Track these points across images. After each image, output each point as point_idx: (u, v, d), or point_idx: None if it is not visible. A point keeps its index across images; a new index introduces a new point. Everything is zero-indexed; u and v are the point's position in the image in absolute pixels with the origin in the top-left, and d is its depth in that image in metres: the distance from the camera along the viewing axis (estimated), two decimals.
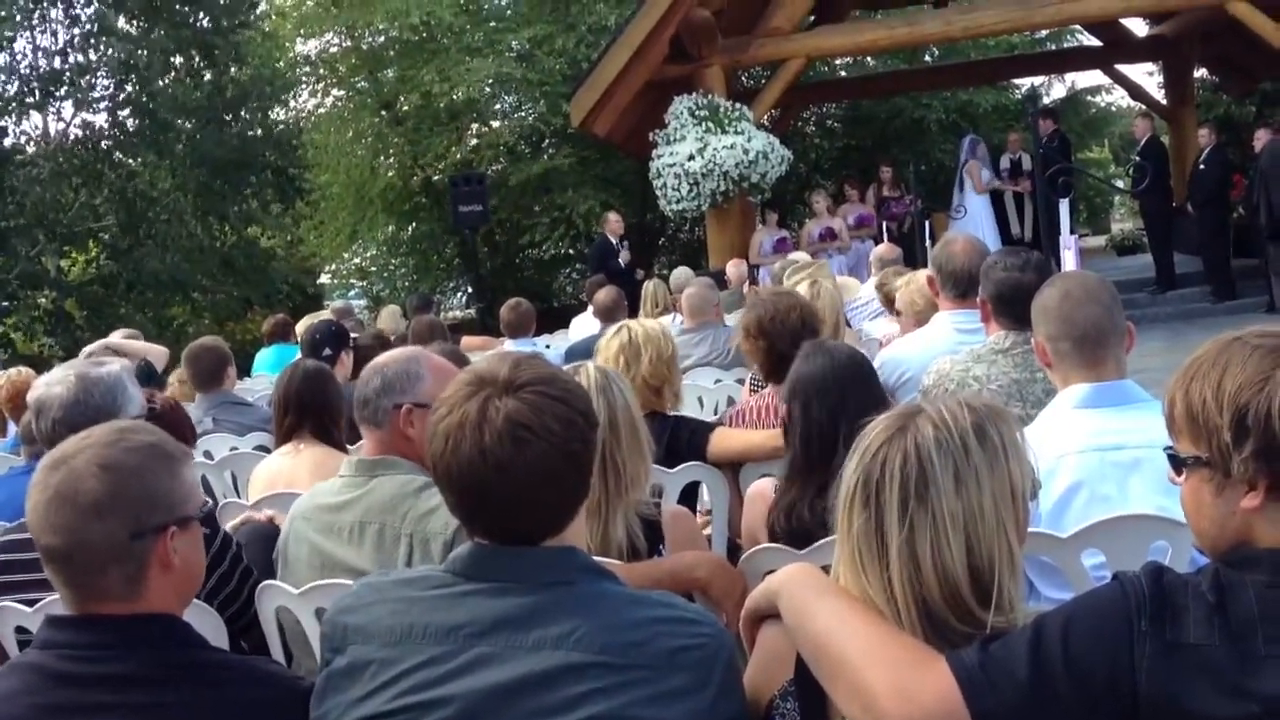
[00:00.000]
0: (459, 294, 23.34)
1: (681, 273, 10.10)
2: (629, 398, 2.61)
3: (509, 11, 19.29)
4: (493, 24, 18.58)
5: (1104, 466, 2.48)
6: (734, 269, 10.90)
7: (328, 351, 5.33)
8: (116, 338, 6.67)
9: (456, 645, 1.61)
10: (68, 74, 18.78)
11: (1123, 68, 17.90)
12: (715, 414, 4.93)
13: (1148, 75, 19.71)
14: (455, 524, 2.40)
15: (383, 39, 19.10)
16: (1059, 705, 1.45)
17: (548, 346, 8.21)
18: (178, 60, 19.92)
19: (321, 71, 20.42)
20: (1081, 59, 19.48)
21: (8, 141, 18.40)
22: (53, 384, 3.02)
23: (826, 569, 1.76)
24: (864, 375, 2.78)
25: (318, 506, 2.70)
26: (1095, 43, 18.29)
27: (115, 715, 1.66)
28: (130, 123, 19.66)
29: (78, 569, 1.72)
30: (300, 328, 8.07)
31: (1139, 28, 17.68)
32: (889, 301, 5.97)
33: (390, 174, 19.53)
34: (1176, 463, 1.61)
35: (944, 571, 1.57)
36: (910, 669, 1.52)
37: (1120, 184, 22.44)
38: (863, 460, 1.65)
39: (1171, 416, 1.61)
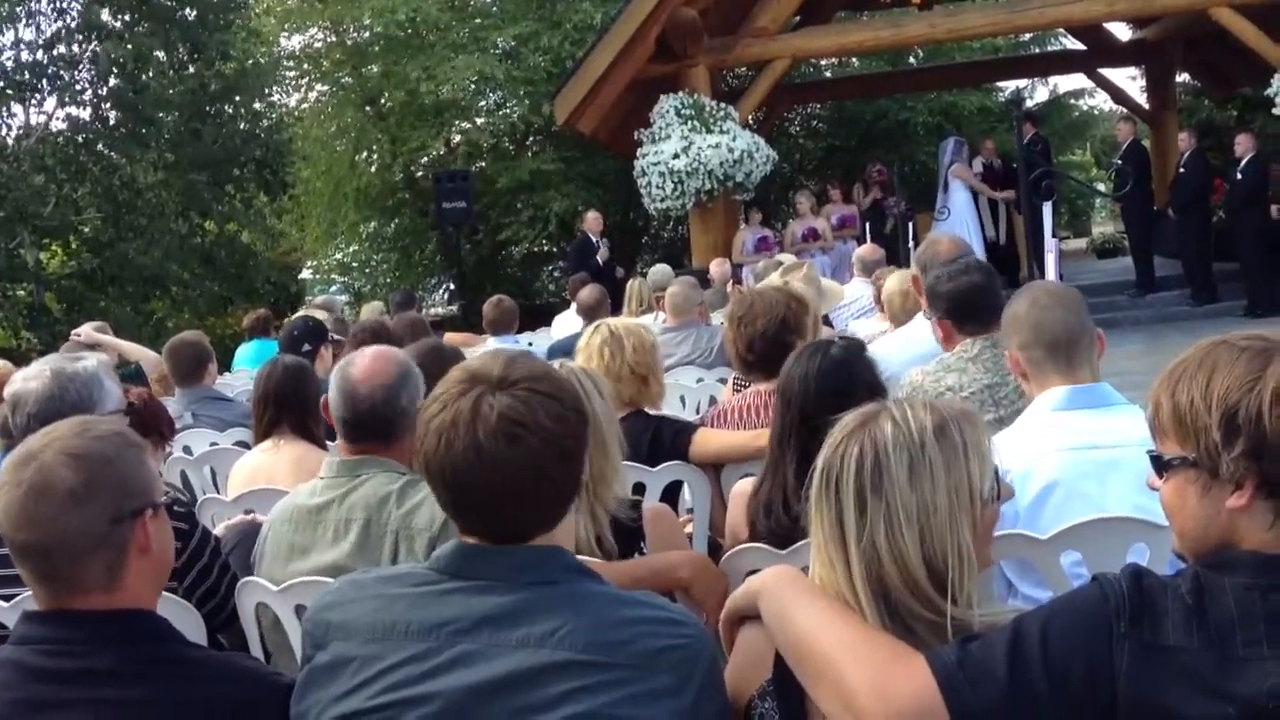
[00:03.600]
0: (441, 290, 23.28)
1: (660, 271, 10.09)
2: (605, 393, 2.62)
3: (494, 9, 19.23)
4: (478, 21, 18.54)
5: (1081, 465, 2.50)
6: (717, 268, 10.90)
7: (307, 347, 5.31)
8: (88, 329, 6.61)
9: (439, 643, 1.60)
10: (51, 68, 18.65)
11: (1105, 71, 18.01)
12: (697, 413, 4.93)
13: (1130, 79, 19.83)
14: (440, 520, 2.41)
15: (367, 34, 19.04)
16: (1037, 705, 1.46)
17: (530, 344, 8.19)
18: (162, 55, 19.79)
19: (305, 66, 20.35)
20: (1065, 62, 19.60)
21: None
22: (29, 379, 3.00)
23: (807, 570, 1.76)
24: (842, 380, 2.69)
25: (298, 508, 2.68)
26: (1079, 46, 18.38)
27: (93, 710, 1.65)
28: (114, 117, 19.54)
29: (58, 561, 1.71)
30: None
31: (1122, 32, 17.78)
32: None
33: (372, 169, 19.47)
34: (1160, 464, 1.61)
35: (901, 561, 1.61)
36: (889, 667, 1.52)
37: (1102, 187, 22.56)
38: (825, 454, 1.70)
39: (1156, 419, 1.61)
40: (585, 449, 1.72)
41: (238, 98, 20.85)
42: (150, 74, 19.13)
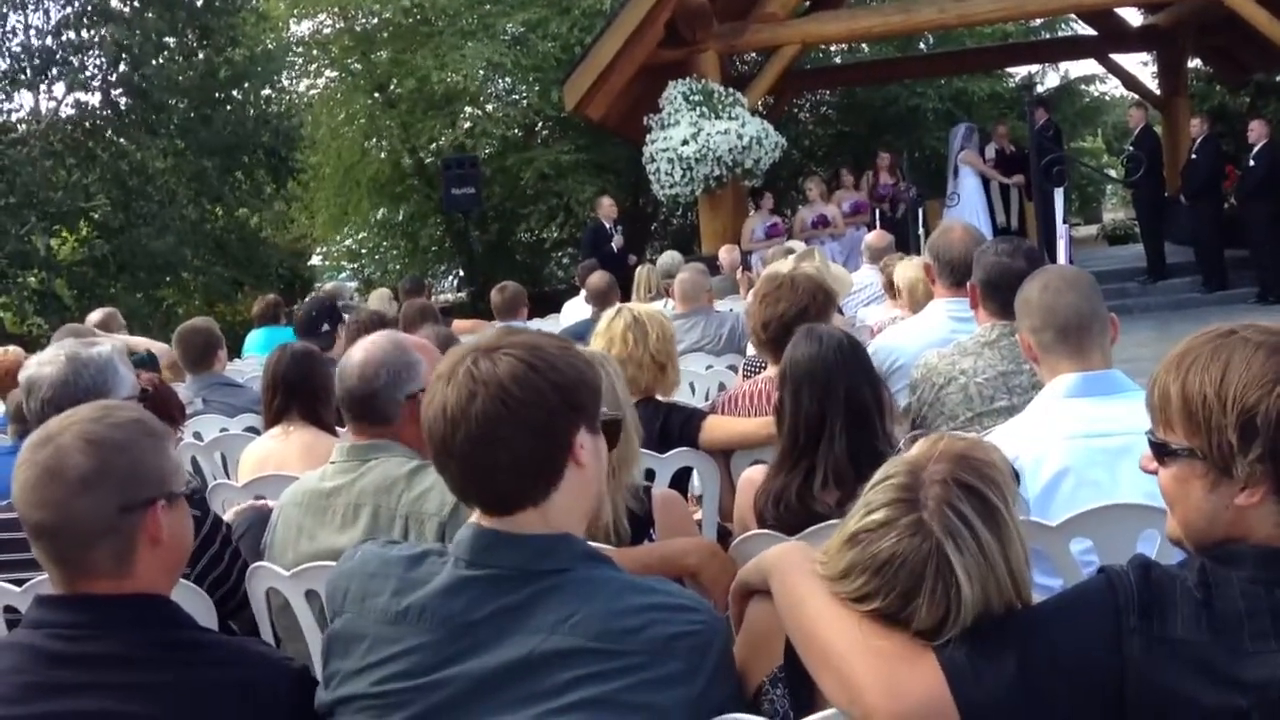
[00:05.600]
0: (450, 277, 23.29)
1: (669, 257, 10.08)
2: (618, 382, 2.62)
3: None
4: (488, 7, 18.50)
5: (1092, 453, 2.49)
6: (726, 255, 10.89)
7: (325, 328, 5.30)
8: (96, 316, 6.63)
9: (453, 630, 1.61)
10: (60, 53, 18.64)
11: (1117, 57, 17.91)
12: (707, 399, 4.93)
13: (1142, 65, 19.74)
14: (450, 505, 2.41)
15: (376, 20, 19.01)
16: (1046, 697, 1.46)
17: (539, 331, 8.18)
18: (171, 41, 19.78)
19: (315, 53, 20.33)
20: (1076, 48, 19.47)
21: None
22: (44, 364, 3.01)
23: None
24: (853, 361, 2.76)
25: (308, 492, 2.69)
26: (1090, 32, 18.28)
27: (105, 694, 1.66)
28: (123, 103, 19.54)
29: (66, 545, 1.72)
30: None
31: (1134, 17, 17.68)
32: (891, 284, 5.98)
33: (382, 156, 19.46)
34: (1162, 450, 1.59)
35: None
36: (898, 662, 1.51)
37: (1113, 173, 22.48)
38: (888, 577, 1.57)
39: (1161, 405, 1.59)
40: (567, 425, 1.67)
41: (247, 84, 20.83)
42: (160, 59, 19.10)
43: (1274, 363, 1.48)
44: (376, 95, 19.16)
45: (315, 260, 25.22)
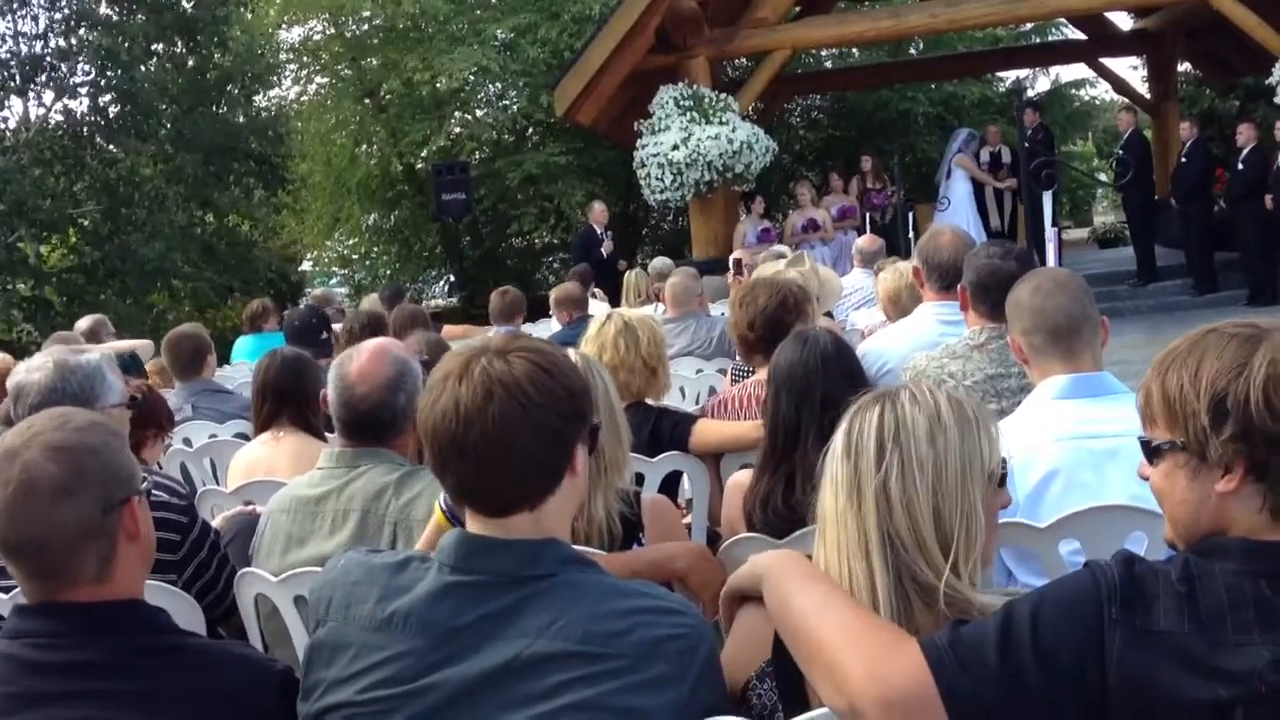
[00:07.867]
0: (441, 283, 23.28)
1: (661, 262, 10.08)
2: (609, 384, 2.62)
3: (493, 0, 19.21)
4: (477, 12, 18.51)
5: (1081, 454, 2.50)
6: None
7: (324, 336, 5.29)
8: (85, 324, 6.62)
9: (439, 636, 1.61)
10: (48, 60, 18.61)
11: (1107, 61, 17.97)
12: (697, 404, 4.93)
13: (1131, 69, 19.80)
14: None
15: (366, 26, 19.01)
16: (1027, 688, 1.47)
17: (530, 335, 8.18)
18: (159, 46, 19.74)
19: (304, 59, 20.32)
20: (1066, 52, 19.54)
21: None
22: (32, 370, 3.00)
23: (811, 557, 1.77)
24: (837, 367, 2.75)
25: (296, 499, 2.68)
26: (1080, 36, 18.35)
27: (88, 702, 1.65)
28: (112, 109, 19.50)
29: (53, 556, 1.70)
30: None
31: (1123, 21, 17.75)
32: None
33: (371, 162, 19.45)
34: (1150, 450, 1.63)
35: (912, 510, 1.66)
36: (882, 650, 1.54)
37: (1103, 177, 22.55)
38: (844, 424, 1.77)
39: (1147, 406, 1.63)
40: (571, 434, 1.69)
41: (235, 90, 20.78)
42: (149, 65, 19.06)
43: (1244, 350, 1.53)
44: (366, 101, 19.15)
45: (306, 266, 25.19)
